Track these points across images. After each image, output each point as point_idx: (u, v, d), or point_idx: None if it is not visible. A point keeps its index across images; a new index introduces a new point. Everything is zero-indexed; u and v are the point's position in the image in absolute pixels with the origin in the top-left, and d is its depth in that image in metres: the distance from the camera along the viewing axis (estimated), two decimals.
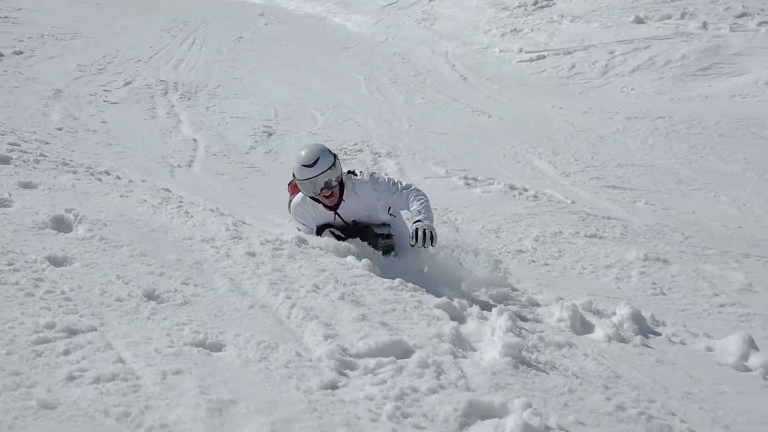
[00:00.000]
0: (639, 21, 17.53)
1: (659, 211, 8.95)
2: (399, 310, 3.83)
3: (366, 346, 3.27)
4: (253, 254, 4.37)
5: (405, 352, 3.27)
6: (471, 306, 4.16)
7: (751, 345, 4.85)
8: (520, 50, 17.39)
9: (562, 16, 18.64)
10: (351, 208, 5.03)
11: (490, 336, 3.63)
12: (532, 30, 18.41)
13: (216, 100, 13.03)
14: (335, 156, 4.92)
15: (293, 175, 4.94)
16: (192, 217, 5.03)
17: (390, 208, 5.06)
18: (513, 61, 17.06)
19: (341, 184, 4.97)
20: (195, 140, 10.61)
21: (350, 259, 4.58)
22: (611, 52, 16.41)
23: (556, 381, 3.27)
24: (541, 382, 3.23)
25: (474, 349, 3.55)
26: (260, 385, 2.82)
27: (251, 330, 3.28)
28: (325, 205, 5.03)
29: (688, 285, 6.64)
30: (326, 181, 4.82)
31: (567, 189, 9.54)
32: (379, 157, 10.30)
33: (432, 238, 4.73)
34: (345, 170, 5.11)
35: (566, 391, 3.18)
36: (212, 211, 5.57)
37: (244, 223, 5.34)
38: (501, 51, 17.64)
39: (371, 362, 3.12)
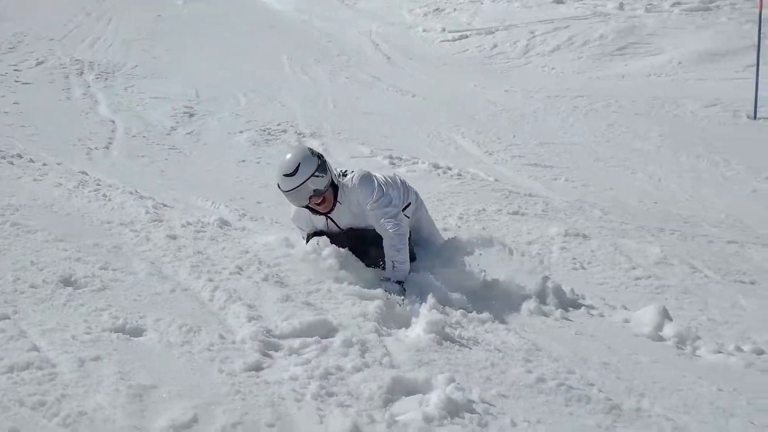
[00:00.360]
0: (558, 1, 17.82)
1: (579, 187, 9.16)
2: (323, 290, 3.83)
3: (290, 327, 3.26)
4: (174, 237, 4.29)
5: (329, 331, 3.27)
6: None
7: (666, 315, 5.02)
8: (443, 30, 17.47)
9: None
10: (345, 213, 4.35)
11: (414, 313, 3.66)
12: (455, 10, 18.52)
13: (135, 80, 12.69)
14: (320, 157, 4.23)
15: (278, 186, 4.24)
16: (110, 200, 4.91)
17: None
18: (436, 40, 17.13)
19: (334, 186, 4.29)
20: (113, 122, 10.32)
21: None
22: (532, 32, 16.65)
23: (479, 356, 3.33)
24: (464, 357, 3.28)
25: (398, 327, 3.58)
26: (182, 370, 2.78)
27: (173, 314, 3.23)
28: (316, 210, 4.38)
29: (607, 259, 6.81)
30: (314, 189, 4.16)
31: (490, 167, 9.66)
32: (304, 137, 10.23)
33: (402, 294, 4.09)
34: (339, 170, 4.45)
35: (488, 365, 3.24)
36: (131, 194, 5.45)
37: (164, 205, 5.24)
38: (424, 30, 17.70)
39: (296, 343, 3.11)
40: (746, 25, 15.34)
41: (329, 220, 4.36)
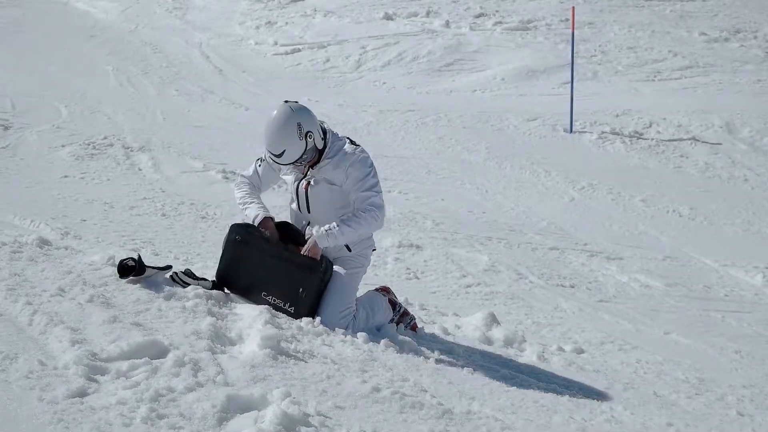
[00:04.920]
0: (388, 18, 18.25)
1: (412, 199, 9.40)
2: (154, 308, 3.69)
3: (118, 349, 3.12)
4: None
5: (160, 352, 3.17)
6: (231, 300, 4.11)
7: (494, 320, 5.26)
8: (276, 43, 17.42)
9: (316, 11, 18.94)
10: (325, 171, 4.19)
11: (249, 329, 3.61)
12: (287, 23, 18.52)
13: None
14: (308, 134, 4.08)
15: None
16: None
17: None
18: (269, 53, 17.05)
19: (322, 149, 4.18)
20: None
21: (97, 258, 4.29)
22: (363, 47, 16.94)
23: (315, 369, 3.33)
24: (300, 371, 3.27)
25: (233, 344, 3.51)
26: None
27: None
28: None
29: (439, 268, 7.03)
30: (296, 162, 4.15)
31: None
32: (132, 151, 9.85)
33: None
34: (347, 138, 4.31)
35: (324, 377, 3.24)
36: None
37: None
38: (256, 43, 17.57)
39: (124, 365, 2.98)
40: (561, 45, 16.37)
41: (303, 177, 4.25)
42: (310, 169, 4.26)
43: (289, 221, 4.40)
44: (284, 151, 4.10)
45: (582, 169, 11.29)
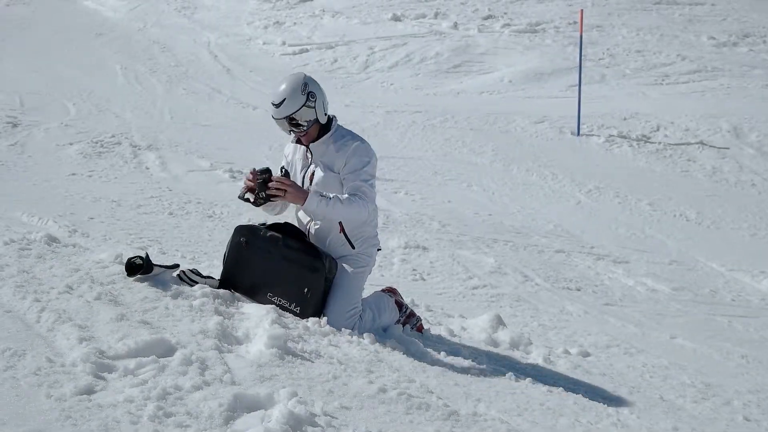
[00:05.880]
0: (396, 19, 18.25)
1: (418, 200, 9.40)
2: (161, 307, 3.70)
3: (125, 347, 3.13)
4: None
5: (167, 350, 3.17)
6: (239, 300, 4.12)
7: (500, 322, 5.26)
8: (284, 43, 17.44)
9: (324, 11, 18.95)
10: (327, 151, 4.23)
11: (255, 328, 3.62)
12: (295, 23, 18.53)
13: None
14: (310, 95, 4.15)
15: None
16: None
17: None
18: (276, 53, 17.07)
19: (324, 126, 4.24)
20: None
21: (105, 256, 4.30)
22: (371, 48, 16.95)
23: (322, 369, 3.33)
24: (306, 370, 3.27)
25: (240, 343, 3.52)
26: (6, 396, 2.61)
27: None
28: (299, 141, 4.30)
29: (445, 270, 7.03)
30: (294, 121, 4.14)
31: None
32: (139, 150, 9.88)
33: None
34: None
35: (331, 377, 3.25)
36: None
37: None
38: (264, 43, 17.59)
39: (131, 363, 2.99)
40: (569, 48, 16.36)
41: (309, 151, 4.27)
42: (311, 152, 4.26)
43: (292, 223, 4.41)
44: (284, 100, 4.14)
45: (589, 172, 11.27)
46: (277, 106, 4.17)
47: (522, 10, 18.44)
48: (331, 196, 4.10)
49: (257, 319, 3.73)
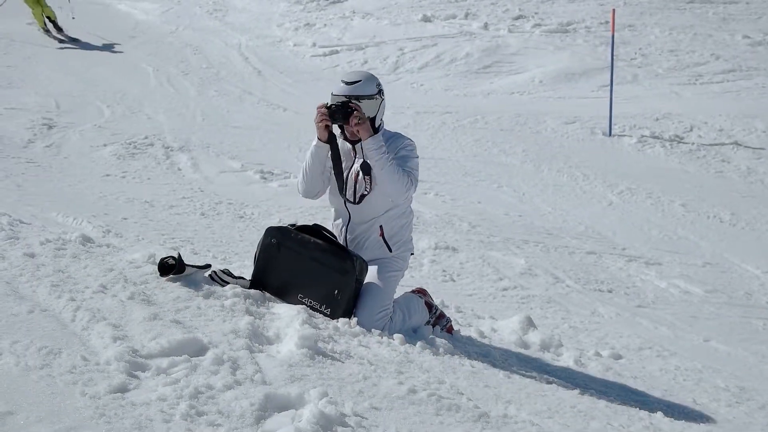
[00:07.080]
0: (426, 20, 18.24)
1: (448, 201, 9.38)
2: (193, 306, 3.73)
3: (158, 346, 3.16)
4: (32, 255, 4.08)
5: (200, 349, 3.20)
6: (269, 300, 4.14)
7: (531, 324, 5.23)
8: (314, 45, 17.51)
9: (354, 13, 19.00)
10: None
11: (286, 328, 3.64)
12: (325, 25, 18.60)
13: None
14: (381, 92, 4.38)
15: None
16: None
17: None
18: (307, 55, 17.14)
19: (375, 128, 4.32)
20: None
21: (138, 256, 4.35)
22: (401, 49, 16.95)
23: (352, 369, 3.34)
24: (336, 371, 3.28)
25: (271, 343, 3.54)
26: (42, 394, 2.64)
27: (31, 336, 3.07)
28: (345, 137, 4.36)
29: (475, 271, 7.01)
30: (353, 107, 4.20)
31: None
32: (172, 151, 9.98)
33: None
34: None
35: (361, 378, 3.25)
36: None
37: (21, 222, 4.96)
38: (295, 45, 17.67)
39: (164, 362, 3.02)
40: (600, 48, 16.23)
41: (353, 150, 4.35)
42: (355, 150, 4.32)
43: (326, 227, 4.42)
44: (359, 81, 4.29)
45: (621, 173, 11.18)
46: (349, 83, 4.27)
47: (553, 9, 18.33)
48: (388, 152, 4.21)
49: (288, 320, 3.75)
